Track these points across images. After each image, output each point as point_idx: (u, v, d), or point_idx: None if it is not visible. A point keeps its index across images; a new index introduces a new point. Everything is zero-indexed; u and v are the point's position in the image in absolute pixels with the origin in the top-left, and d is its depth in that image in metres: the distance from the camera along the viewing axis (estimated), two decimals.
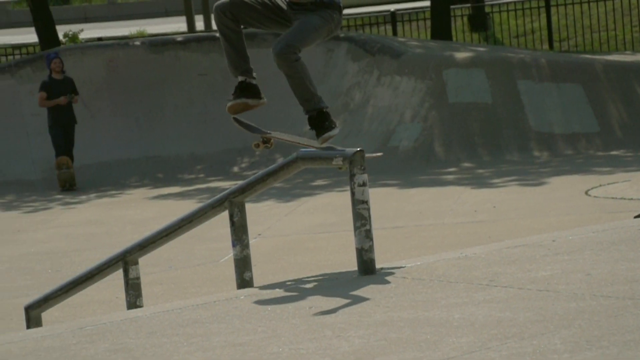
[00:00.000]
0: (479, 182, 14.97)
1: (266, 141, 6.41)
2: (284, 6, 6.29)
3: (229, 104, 6.34)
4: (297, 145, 6.56)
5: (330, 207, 13.87)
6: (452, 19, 22.69)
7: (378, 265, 5.88)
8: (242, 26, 6.37)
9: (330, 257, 10.87)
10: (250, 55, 6.54)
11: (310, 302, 5.33)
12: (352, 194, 5.81)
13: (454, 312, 4.86)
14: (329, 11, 6.26)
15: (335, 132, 6.33)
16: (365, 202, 5.80)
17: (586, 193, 13.31)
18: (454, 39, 22.53)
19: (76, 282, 7.50)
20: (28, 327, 7.67)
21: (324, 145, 6.30)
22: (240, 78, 6.35)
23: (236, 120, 6.47)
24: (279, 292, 5.64)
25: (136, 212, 15.12)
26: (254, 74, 6.41)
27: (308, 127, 6.38)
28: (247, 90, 6.35)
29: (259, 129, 6.46)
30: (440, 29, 21.62)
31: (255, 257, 6.92)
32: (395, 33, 23.13)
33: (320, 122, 6.32)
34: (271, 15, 6.29)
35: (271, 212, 13.87)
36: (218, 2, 6.28)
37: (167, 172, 17.95)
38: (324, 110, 6.33)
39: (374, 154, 6.59)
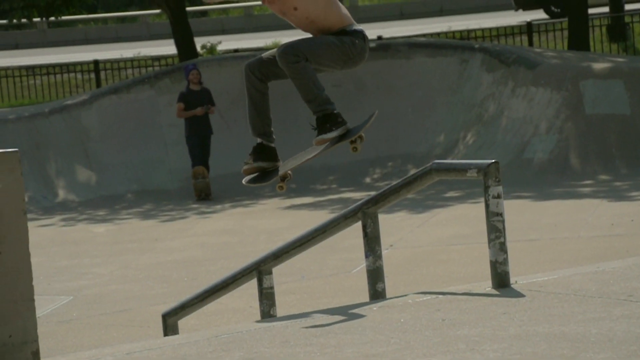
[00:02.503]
0: (617, 195, 14.67)
1: (283, 178, 6.53)
2: None
3: (245, 167, 6.47)
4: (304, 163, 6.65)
5: (463, 218, 13.77)
6: (590, 29, 22.32)
7: (512, 279, 5.81)
8: (268, 88, 6.40)
9: (463, 270, 10.79)
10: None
11: (444, 314, 5.30)
12: (487, 206, 5.76)
13: (591, 327, 4.77)
14: (351, 37, 6.30)
15: (331, 135, 6.37)
16: (500, 214, 5.74)
17: None
18: (592, 49, 22.15)
19: (211, 290, 7.61)
20: (165, 334, 7.82)
21: (319, 146, 6.36)
22: (258, 140, 6.46)
23: (248, 181, 6.58)
24: (411, 304, 5.61)
25: (269, 222, 15.27)
26: (273, 137, 6.49)
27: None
28: (263, 153, 6.47)
29: (269, 174, 6.54)
30: (578, 40, 21.28)
31: (387, 269, 6.91)
32: (531, 43, 22.86)
33: (321, 123, 6.41)
34: None
35: (403, 223, 13.84)
36: (248, 61, 6.40)
37: (300, 182, 18.07)
38: (331, 112, 6.35)
39: (371, 118, 6.62)
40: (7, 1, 22.40)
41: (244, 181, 6.61)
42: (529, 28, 23.14)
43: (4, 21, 31.78)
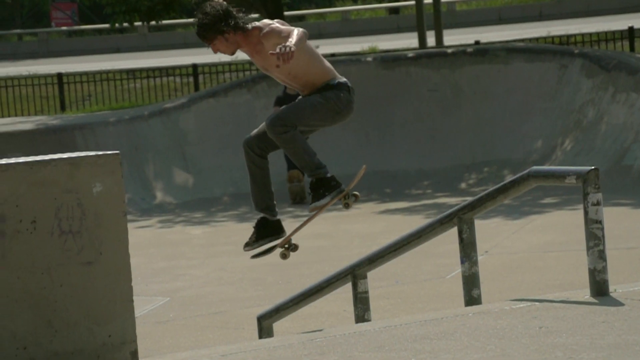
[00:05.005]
0: None
1: (288, 247, 6.60)
2: None
3: (246, 248, 6.54)
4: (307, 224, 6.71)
5: (560, 225, 13.60)
6: None
7: (611, 287, 5.73)
8: (268, 162, 6.53)
9: (560, 277, 10.66)
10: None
11: (540, 321, 5.24)
12: (585, 213, 5.69)
13: None
14: (335, 91, 6.37)
15: (324, 202, 6.46)
16: (599, 221, 5.67)
17: None
18: None
19: (306, 294, 7.65)
20: (260, 336, 7.88)
21: (313, 213, 6.47)
22: (260, 215, 6.51)
23: (253, 256, 6.67)
24: (507, 311, 5.57)
25: (364, 226, 15.27)
26: (276, 210, 6.53)
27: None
28: (266, 228, 6.52)
29: (273, 244, 6.60)
30: None
31: (482, 275, 6.86)
32: (632, 49, 22.49)
33: (316, 189, 6.51)
34: None
35: (499, 229, 13.72)
36: (245, 138, 6.49)
37: (395, 187, 18.05)
38: (323, 176, 6.38)
39: (360, 172, 6.67)
40: (110, 5, 22.80)
41: (251, 257, 6.79)
42: (630, 33, 22.76)
43: (106, 25, 32.36)
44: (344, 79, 6.46)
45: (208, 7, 6.32)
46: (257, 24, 6.37)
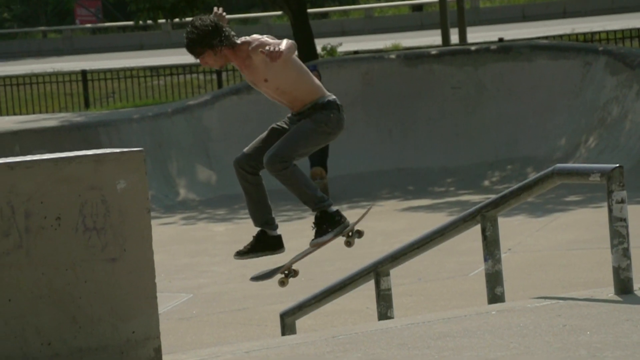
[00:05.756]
0: None
1: (288, 274, 6.60)
2: (289, 121, 6.46)
3: (236, 257, 6.53)
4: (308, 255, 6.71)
5: (584, 223, 13.56)
6: None
7: (635, 285, 5.71)
8: (261, 178, 6.51)
9: (584, 275, 10.63)
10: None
11: (564, 319, 5.23)
12: (610, 211, 5.67)
13: None
14: (326, 112, 6.40)
15: (326, 238, 6.45)
16: (624, 219, 5.65)
17: None
18: None
19: (329, 291, 7.66)
20: (283, 333, 7.90)
21: (313, 249, 6.49)
22: (259, 229, 6.51)
23: (253, 278, 6.68)
24: (531, 309, 5.56)
25: (386, 223, 15.26)
26: (276, 224, 6.52)
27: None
28: (264, 243, 6.51)
29: (274, 270, 6.60)
30: None
31: (505, 272, 6.85)
32: None
33: (319, 223, 6.51)
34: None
35: (522, 227, 13.69)
36: (236, 157, 6.51)
37: (418, 184, 18.02)
38: (326, 210, 6.38)
39: (367, 211, 6.69)
40: (134, 3, 22.87)
41: (250, 279, 6.82)
42: None
43: (130, 23, 32.48)
44: (333, 97, 6.50)
45: (197, 22, 6.38)
46: (246, 38, 6.43)
